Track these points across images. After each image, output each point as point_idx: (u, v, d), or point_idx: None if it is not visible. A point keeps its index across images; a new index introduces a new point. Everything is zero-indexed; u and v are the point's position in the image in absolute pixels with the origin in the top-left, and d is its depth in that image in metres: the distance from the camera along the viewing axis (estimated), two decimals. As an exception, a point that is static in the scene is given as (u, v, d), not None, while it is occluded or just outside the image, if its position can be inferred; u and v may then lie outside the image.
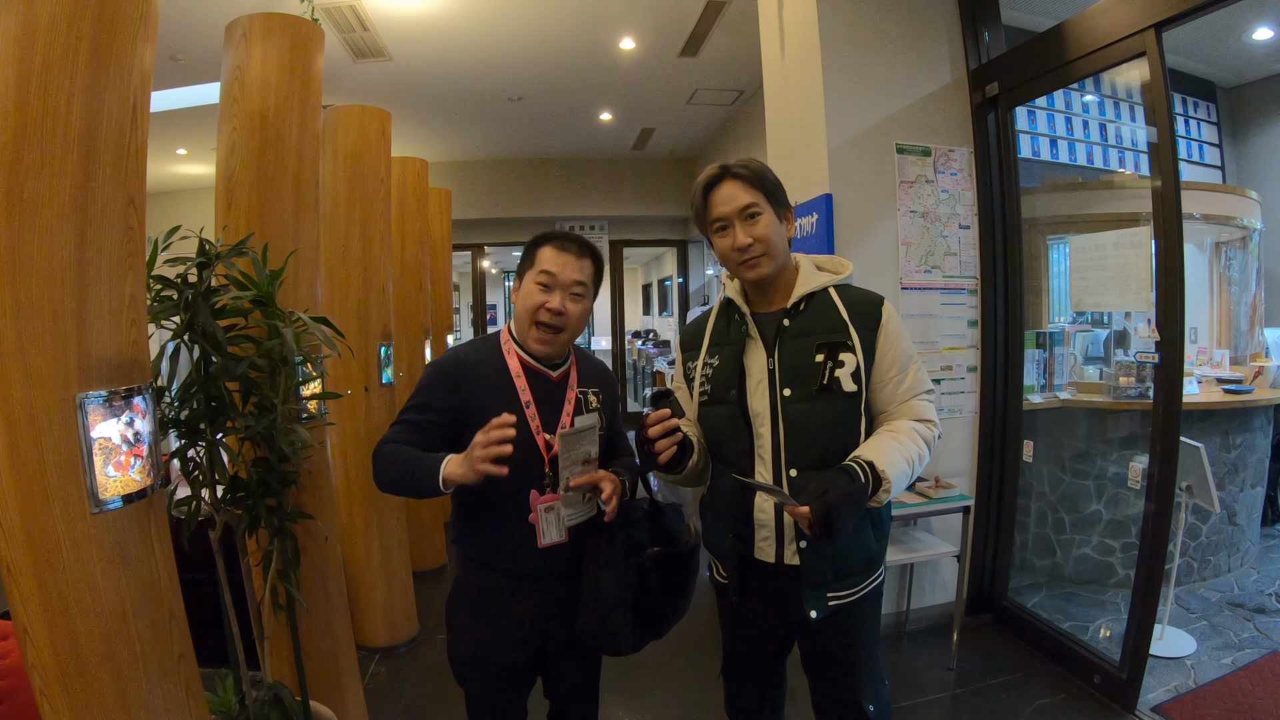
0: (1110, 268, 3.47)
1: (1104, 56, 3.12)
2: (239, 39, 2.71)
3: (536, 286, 1.92)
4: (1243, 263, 5.81)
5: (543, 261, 1.93)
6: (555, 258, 1.93)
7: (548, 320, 1.92)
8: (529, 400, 1.92)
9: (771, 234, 1.88)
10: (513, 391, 1.92)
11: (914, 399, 1.91)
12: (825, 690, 2.02)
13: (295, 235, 2.74)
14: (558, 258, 1.93)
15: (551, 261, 1.93)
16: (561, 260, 1.93)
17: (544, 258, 1.94)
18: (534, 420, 1.92)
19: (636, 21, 5.56)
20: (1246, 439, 4.55)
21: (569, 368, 2.05)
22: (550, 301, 1.91)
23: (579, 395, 2.03)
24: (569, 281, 1.93)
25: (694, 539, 2.02)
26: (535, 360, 1.98)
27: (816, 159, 3.76)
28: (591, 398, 2.06)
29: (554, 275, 1.92)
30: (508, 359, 1.97)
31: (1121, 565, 4.32)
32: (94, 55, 1.55)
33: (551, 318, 1.92)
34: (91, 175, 1.55)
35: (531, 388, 1.94)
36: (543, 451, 1.92)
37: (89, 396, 1.53)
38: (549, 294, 1.92)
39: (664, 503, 2.06)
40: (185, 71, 5.79)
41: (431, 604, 4.48)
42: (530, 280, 1.94)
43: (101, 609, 1.56)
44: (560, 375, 2.01)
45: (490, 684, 2.01)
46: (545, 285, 1.92)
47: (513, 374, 1.94)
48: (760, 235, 1.88)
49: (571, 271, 1.93)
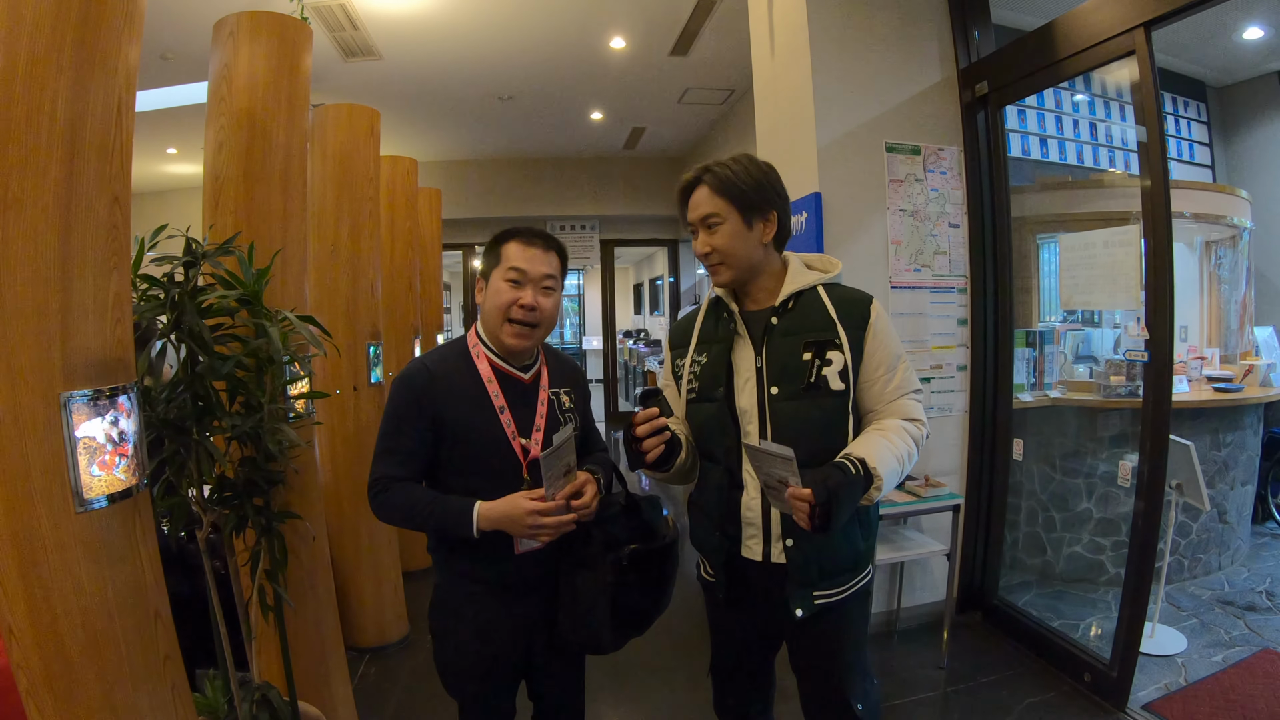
0: (1100, 266, 3.48)
1: (1093, 55, 3.12)
2: (227, 37, 2.70)
3: (506, 284, 1.90)
4: (1233, 261, 5.83)
5: (510, 258, 1.91)
6: (523, 253, 1.91)
7: (521, 317, 1.90)
8: (503, 405, 1.91)
9: (730, 244, 1.88)
10: (486, 398, 1.91)
11: (902, 398, 1.91)
12: (813, 689, 2.02)
13: (283, 234, 2.73)
14: (525, 252, 1.91)
15: (519, 257, 1.91)
16: (529, 255, 1.91)
17: (511, 254, 1.92)
18: (509, 426, 1.91)
19: (627, 21, 5.56)
20: (1237, 437, 4.57)
21: (539, 368, 2.04)
22: (523, 297, 1.90)
23: (551, 396, 2.02)
24: (539, 276, 1.92)
25: (672, 532, 2.01)
26: (506, 362, 1.96)
27: (806, 158, 3.76)
28: (564, 398, 2.05)
29: (524, 271, 1.90)
30: (477, 363, 1.95)
31: (1112, 563, 4.33)
32: (78, 53, 1.53)
33: (525, 314, 1.90)
34: (75, 173, 1.53)
35: (504, 392, 1.93)
36: (519, 457, 1.91)
37: (73, 396, 1.52)
38: (520, 290, 1.90)
39: (641, 495, 2.05)
40: (175, 70, 5.76)
41: (421, 604, 4.45)
42: (499, 278, 1.92)
43: (87, 608, 1.55)
44: (532, 377, 2.00)
45: (478, 689, 2.01)
46: (516, 281, 1.90)
47: (484, 379, 1.93)
48: (717, 245, 1.89)
49: (540, 265, 1.92)
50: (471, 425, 1.88)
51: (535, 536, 1.80)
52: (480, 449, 1.88)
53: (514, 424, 1.91)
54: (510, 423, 1.91)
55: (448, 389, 1.89)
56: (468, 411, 1.87)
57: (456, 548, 1.92)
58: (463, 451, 1.88)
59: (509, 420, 1.91)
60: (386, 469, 1.87)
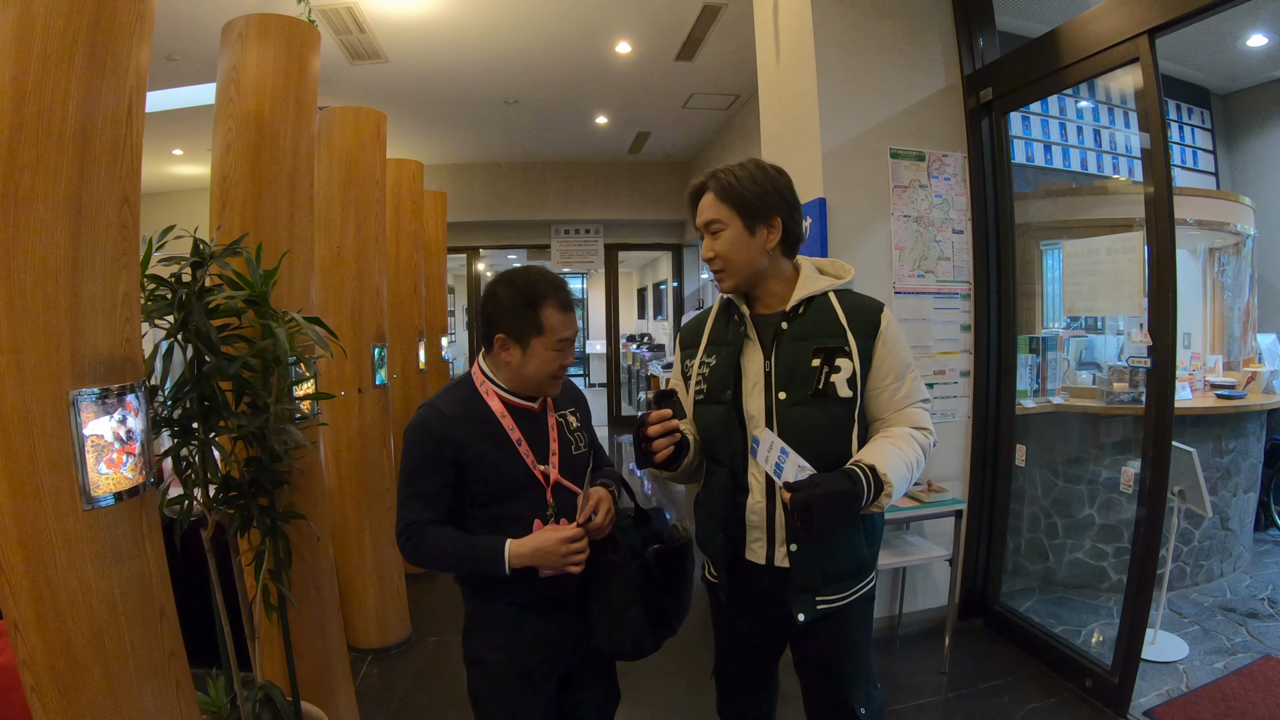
0: (1103, 273, 3.48)
1: (1098, 62, 3.13)
2: (235, 40, 2.71)
3: (554, 353, 1.90)
4: (1236, 268, 5.82)
5: (555, 329, 1.89)
6: (564, 319, 1.90)
7: (561, 375, 1.96)
8: (519, 438, 1.92)
9: (731, 249, 1.90)
10: (502, 433, 1.91)
11: (910, 407, 1.92)
12: (817, 693, 2.03)
13: (290, 236, 2.74)
14: (564, 318, 1.91)
15: (563, 325, 1.90)
16: (567, 319, 1.91)
17: (554, 323, 1.89)
18: (528, 456, 1.92)
19: (632, 25, 5.58)
20: (1239, 444, 4.56)
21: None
22: (568, 361, 1.94)
23: (559, 420, 2.03)
24: (573, 337, 1.95)
25: (685, 535, 2.03)
26: (515, 395, 1.97)
27: (811, 163, 3.77)
28: (571, 418, 2.07)
29: (570, 341, 1.93)
30: (488, 400, 1.95)
31: (1114, 570, 4.33)
32: (90, 54, 1.55)
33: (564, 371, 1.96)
34: (86, 173, 1.55)
35: (518, 424, 1.94)
36: (542, 482, 1.92)
37: (82, 394, 1.53)
38: (566, 355, 1.93)
39: (648, 508, 2.08)
40: (182, 72, 5.80)
41: (424, 606, 4.47)
42: (543, 347, 1.89)
43: (93, 606, 1.57)
44: (540, 405, 2.01)
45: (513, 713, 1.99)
46: (563, 349, 1.91)
47: (498, 415, 1.93)
48: (719, 250, 1.91)
49: (573, 327, 1.95)
50: (493, 462, 1.88)
51: (568, 567, 1.82)
52: (504, 482, 1.90)
53: (532, 454, 1.93)
54: (529, 453, 1.92)
55: (464, 429, 1.89)
56: (487, 449, 1.88)
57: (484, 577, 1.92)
58: (487, 487, 1.89)
59: (527, 451, 1.92)
60: (413, 514, 1.87)
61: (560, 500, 1.93)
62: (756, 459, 1.84)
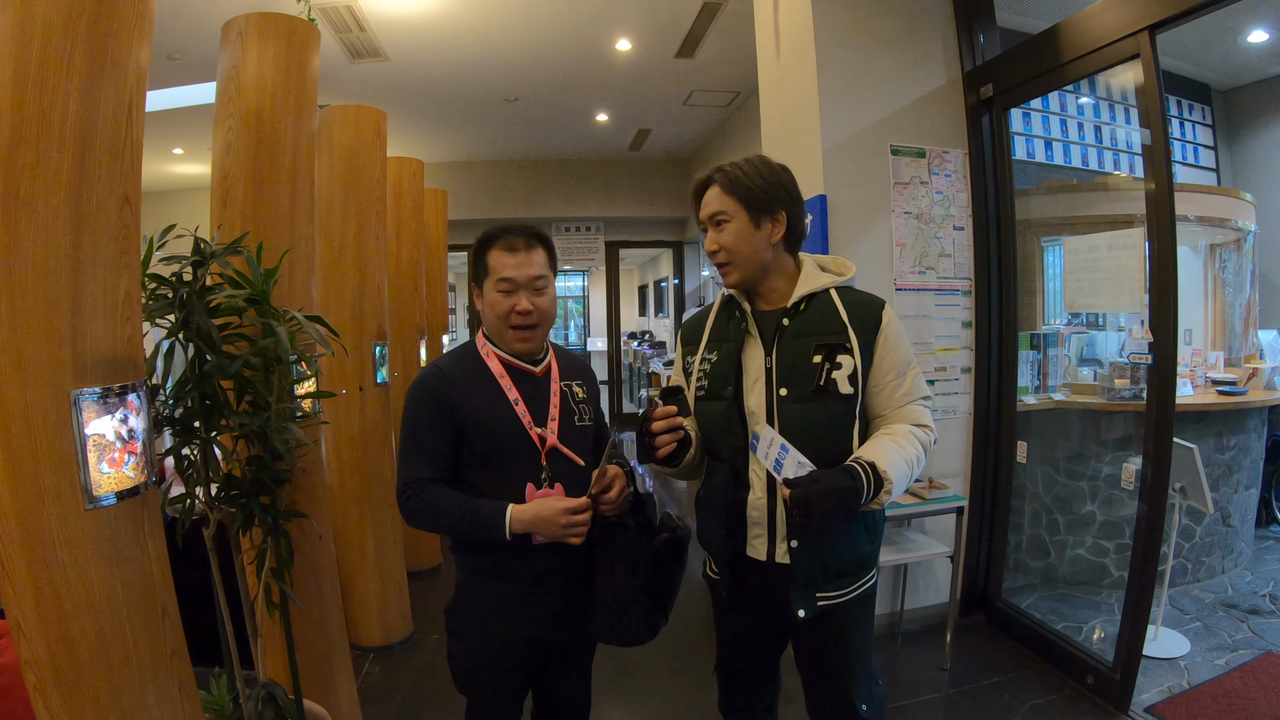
0: (1104, 269, 3.48)
1: (1098, 58, 3.13)
2: (235, 38, 2.71)
3: (500, 294, 1.93)
4: (1237, 265, 5.82)
5: (497, 269, 1.93)
6: (508, 260, 1.93)
7: (519, 322, 1.94)
8: (517, 398, 1.94)
9: (736, 242, 1.90)
10: (500, 392, 1.94)
11: (910, 404, 1.92)
12: (818, 690, 2.03)
13: (290, 234, 2.74)
14: (510, 259, 1.93)
15: (506, 266, 1.92)
16: (515, 261, 1.93)
17: (496, 264, 1.93)
18: (525, 416, 1.93)
19: (633, 23, 5.57)
20: (1241, 440, 4.56)
21: (549, 361, 2.07)
22: (518, 304, 1.92)
23: (563, 388, 2.04)
24: (528, 279, 1.93)
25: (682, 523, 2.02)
26: (516, 358, 1.99)
27: (811, 160, 3.76)
28: (577, 389, 2.08)
29: (513, 279, 1.92)
30: (488, 361, 1.98)
31: (1115, 566, 4.33)
32: (90, 54, 1.55)
33: (523, 319, 1.93)
34: (86, 174, 1.55)
35: (517, 385, 1.96)
36: (537, 444, 1.93)
37: (83, 393, 1.53)
38: (514, 297, 1.92)
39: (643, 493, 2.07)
40: (182, 71, 5.79)
41: (426, 604, 4.47)
42: (491, 289, 1.94)
43: (95, 605, 1.57)
44: (543, 370, 2.03)
45: (492, 691, 2.01)
46: (507, 291, 1.92)
47: (496, 375, 1.95)
48: (724, 243, 1.91)
49: (527, 268, 1.93)
50: (489, 419, 1.90)
51: (567, 538, 1.82)
52: (499, 441, 1.91)
53: (529, 414, 1.94)
54: (525, 413, 1.93)
55: (463, 387, 1.92)
56: (484, 406, 1.90)
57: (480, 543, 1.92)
58: (483, 446, 1.90)
59: (524, 411, 1.93)
60: (414, 472, 1.88)
61: (556, 466, 1.93)
62: (757, 455, 1.85)
